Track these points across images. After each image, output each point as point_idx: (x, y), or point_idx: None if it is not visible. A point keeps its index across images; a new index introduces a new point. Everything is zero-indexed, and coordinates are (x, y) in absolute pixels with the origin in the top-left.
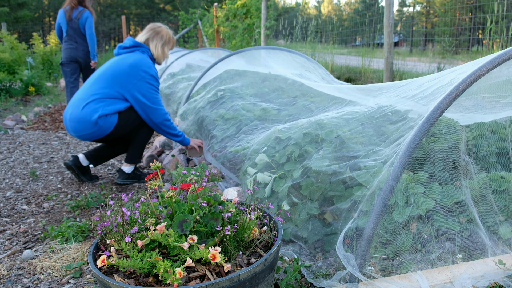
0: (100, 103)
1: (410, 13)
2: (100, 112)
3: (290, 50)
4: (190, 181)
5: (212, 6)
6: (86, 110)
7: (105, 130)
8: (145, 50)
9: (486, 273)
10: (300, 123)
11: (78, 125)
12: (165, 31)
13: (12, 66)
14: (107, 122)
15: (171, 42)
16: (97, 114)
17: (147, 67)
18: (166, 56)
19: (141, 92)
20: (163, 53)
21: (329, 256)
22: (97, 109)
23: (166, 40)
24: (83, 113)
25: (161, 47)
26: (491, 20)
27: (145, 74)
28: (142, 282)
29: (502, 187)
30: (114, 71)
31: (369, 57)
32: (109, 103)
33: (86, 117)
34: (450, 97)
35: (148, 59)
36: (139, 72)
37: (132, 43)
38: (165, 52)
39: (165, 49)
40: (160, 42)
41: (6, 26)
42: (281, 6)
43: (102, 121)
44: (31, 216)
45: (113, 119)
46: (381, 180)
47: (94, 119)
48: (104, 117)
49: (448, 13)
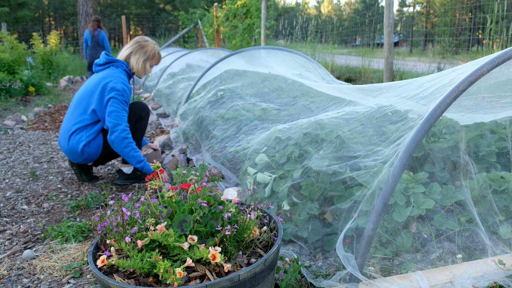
0: (82, 132)
1: (410, 13)
2: (84, 141)
3: (290, 50)
4: (190, 181)
5: (212, 6)
6: (72, 142)
7: (95, 153)
8: (119, 64)
9: (486, 273)
10: (300, 123)
11: (71, 156)
12: (150, 46)
13: (12, 66)
14: (94, 146)
15: (155, 58)
16: (81, 145)
17: (113, 82)
18: (147, 72)
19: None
20: (144, 68)
21: (329, 256)
22: (80, 138)
23: (150, 55)
24: (70, 145)
25: (143, 62)
26: (491, 20)
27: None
28: (142, 282)
29: (502, 187)
30: (84, 94)
31: (369, 57)
32: (89, 129)
33: (73, 149)
34: (450, 97)
35: (119, 74)
36: (104, 88)
37: (105, 60)
38: (147, 67)
39: (147, 65)
40: (142, 57)
41: (6, 26)
42: (281, 6)
43: (88, 148)
44: (31, 216)
45: (98, 141)
46: (381, 180)
47: (79, 150)
48: (88, 144)
49: (448, 13)
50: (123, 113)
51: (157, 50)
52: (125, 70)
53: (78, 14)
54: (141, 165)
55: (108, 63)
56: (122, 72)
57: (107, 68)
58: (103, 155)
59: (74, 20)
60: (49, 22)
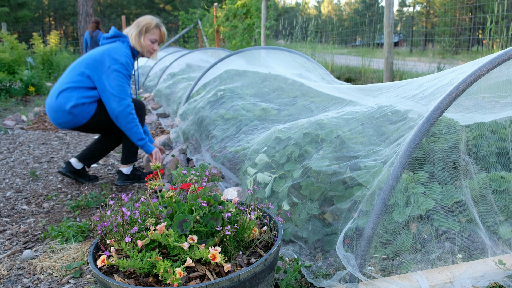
0: (74, 92)
1: (410, 13)
2: (74, 101)
3: (290, 50)
4: (190, 181)
5: (212, 6)
6: (60, 99)
7: (81, 119)
8: (125, 40)
9: (486, 273)
10: (300, 123)
11: (55, 114)
12: (144, 20)
13: (12, 66)
14: (84, 112)
15: (153, 33)
16: (70, 104)
17: (118, 54)
18: (144, 47)
19: (107, 78)
20: (139, 43)
21: (329, 256)
22: (70, 98)
23: (142, 29)
24: (57, 102)
25: (136, 36)
26: (491, 20)
27: (113, 61)
28: (142, 282)
29: (502, 187)
30: (88, 59)
31: (369, 57)
32: (83, 91)
33: (60, 106)
34: (450, 97)
35: (124, 48)
36: (108, 59)
37: (113, 33)
38: (142, 42)
39: (142, 39)
40: (135, 31)
41: (6, 26)
42: (281, 6)
43: (77, 110)
44: (31, 216)
45: (90, 109)
46: (381, 180)
47: (67, 109)
48: (80, 106)
49: (448, 13)
50: (127, 88)
51: (154, 23)
52: (130, 47)
53: (78, 14)
54: (142, 142)
55: (115, 37)
56: (127, 47)
57: (113, 42)
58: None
59: (74, 20)
60: (49, 22)
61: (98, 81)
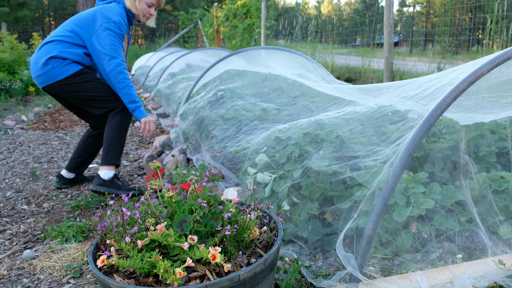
0: (59, 45)
1: (410, 13)
2: (55, 53)
3: (290, 50)
4: (190, 181)
5: (212, 6)
6: (43, 50)
7: (56, 74)
8: (121, 1)
9: (486, 273)
10: (300, 123)
11: (33, 66)
12: None
13: (12, 66)
14: (61, 67)
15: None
16: (49, 55)
17: (111, 13)
18: (139, 10)
19: (98, 37)
20: (135, 5)
21: (329, 256)
22: (53, 49)
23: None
24: (39, 54)
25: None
26: (491, 20)
27: (105, 19)
28: (142, 282)
29: (502, 187)
30: (80, 16)
31: (369, 57)
32: (69, 47)
33: (40, 57)
34: (450, 97)
35: (119, 9)
36: (100, 17)
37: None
38: (137, 5)
39: (137, 2)
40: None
41: (6, 26)
42: (281, 6)
43: (55, 62)
44: (31, 216)
45: (70, 68)
46: (381, 180)
47: (44, 59)
48: (59, 60)
49: (448, 13)
50: (119, 47)
51: None
52: (125, 9)
53: None
54: (133, 106)
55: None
56: (122, 8)
57: (108, 3)
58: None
59: None
60: (49, 22)
61: (88, 40)
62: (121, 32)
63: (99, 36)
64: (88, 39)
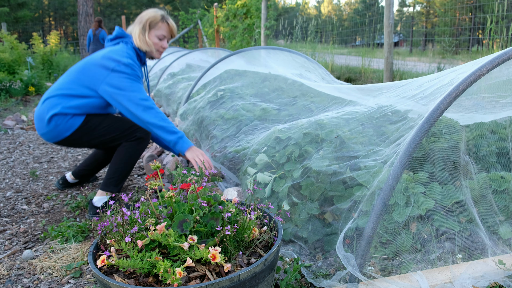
0: (62, 99)
1: (410, 13)
2: (57, 109)
3: (290, 50)
4: (190, 181)
5: (212, 6)
6: (45, 105)
7: (62, 131)
8: (128, 41)
9: (486, 273)
10: (300, 123)
11: (37, 122)
12: (147, 14)
13: (12, 66)
14: (65, 123)
15: (160, 27)
16: (52, 112)
17: (119, 56)
18: (151, 45)
19: (113, 83)
20: (145, 41)
21: (329, 256)
22: (55, 105)
23: (146, 25)
24: (41, 108)
25: (140, 33)
26: (491, 20)
27: (116, 64)
28: (142, 282)
29: (502, 187)
30: (86, 63)
31: (369, 57)
32: (72, 100)
33: (42, 113)
34: (450, 97)
35: (127, 50)
36: (110, 62)
37: (115, 34)
38: (147, 39)
39: (147, 36)
40: (138, 27)
41: (6, 26)
42: (281, 6)
43: (58, 120)
44: (31, 216)
45: (74, 121)
46: (381, 180)
47: (47, 117)
48: (61, 116)
49: (448, 13)
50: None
51: (158, 17)
52: (135, 49)
53: (78, 14)
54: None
55: (118, 38)
56: (130, 49)
57: (116, 44)
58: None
59: (74, 20)
60: (49, 22)
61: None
62: (135, 73)
63: (113, 81)
64: (100, 88)
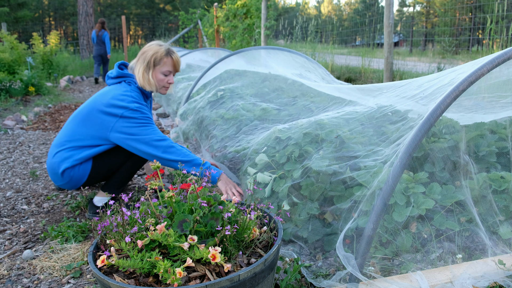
0: (73, 152)
1: (410, 13)
2: (69, 163)
3: (290, 50)
4: (190, 181)
5: (212, 6)
6: (56, 159)
7: (77, 181)
8: (131, 81)
9: (486, 273)
10: (300, 123)
11: (51, 175)
12: (151, 49)
13: (12, 66)
14: (78, 173)
15: (164, 63)
16: (64, 166)
17: (125, 101)
18: (152, 84)
19: (123, 130)
20: (148, 81)
21: (329, 256)
22: (66, 158)
23: (150, 61)
24: (53, 162)
25: (144, 72)
26: (491, 20)
27: (123, 110)
28: (142, 282)
29: (502, 187)
30: (91, 110)
31: (369, 57)
32: (80, 152)
33: (54, 168)
34: (450, 97)
35: (131, 91)
36: (116, 110)
37: (116, 74)
38: (151, 79)
39: (151, 75)
40: (142, 65)
41: (6, 26)
42: (281, 6)
43: (71, 172)
44: (31, 216)
45: (86, 167)
46: (381, 180)
47: (60, 172)
48: (73, 168)
49: (448, 13)
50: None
51: (163, 51)
52: (139, 88)
53: (78, 14)
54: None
55: (119, 77)
56: (134, 90)
57: (118, 83)
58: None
59: (74, 20)
60: (49, 22)
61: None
62: (145, 115)
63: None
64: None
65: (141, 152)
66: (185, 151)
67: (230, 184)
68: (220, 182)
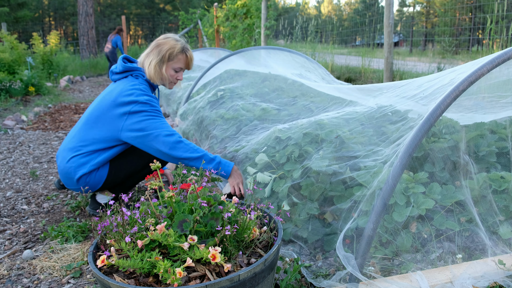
0: (89, 157)
1: (410, 13)
2: (86, 169)
3: (290, 50)
4: (190, 181)
5: (212, 6)
6: (71, 164)
7: (94, 185)
8: (138, 74)
9: (486, 273)
10: (300, 123)
11: (64, 179)
12: (167, 43)
13: (12, 66)
14: (94, 178)
15: (179, 60)
16: (81, 172)
17: (134, 95)
18: (166, 78)
19: (133, 127)
20: (160, 73)
21: (329, 256)
22: (83, 164)
23: (165, 56)
24: (67, 167)
25: (157, 65)
26: (491, 20)
27: (132, 106)
28: (142, 282)
29: (502, 187)
30: (101, 111)
31: (369, 57)
32: (96, 157)
33: (70, 173)
34: (450, 97)
35: (139, 85)
36: (124, 107)
37: (122, 68)
38: (163, 72)
39: (164, 69)
40: (155, 58)
41: (6, 26)
42: (281, 6)
43: (87, 177)
44: (31, 216)
45: (102, 172)
46: (381, 180)
47: (77, 178)
48: (90, 174)
49: (448, 13)
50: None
51: (179, 48)
52: (147, 81)
53: (78, 14)
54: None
55: (125, 71)
56: (142, 83)
57: (125, 77)
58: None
59: (74, 20)
60: (49, 22)
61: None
62: (155, 108)
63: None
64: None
65: (150, 149)
66: (193, 146)
67: (239, 178)
68: (231, 178)
